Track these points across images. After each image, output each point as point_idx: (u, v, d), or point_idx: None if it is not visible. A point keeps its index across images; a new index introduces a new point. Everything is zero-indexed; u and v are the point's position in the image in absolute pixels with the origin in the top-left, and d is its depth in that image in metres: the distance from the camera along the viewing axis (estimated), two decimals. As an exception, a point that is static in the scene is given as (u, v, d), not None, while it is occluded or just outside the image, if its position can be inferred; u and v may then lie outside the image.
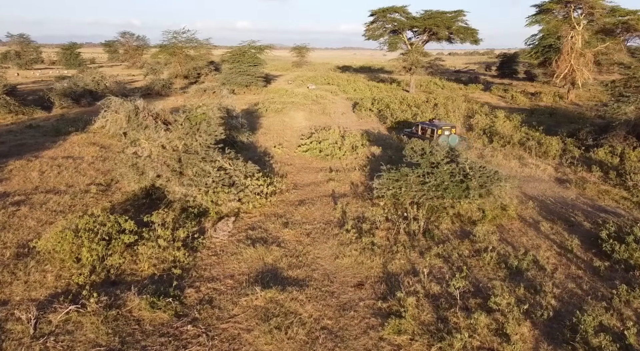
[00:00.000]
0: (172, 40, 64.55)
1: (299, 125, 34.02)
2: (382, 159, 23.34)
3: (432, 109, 36.51)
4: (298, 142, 27.46)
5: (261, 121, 35.06)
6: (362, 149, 25.47)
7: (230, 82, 53.35)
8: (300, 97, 48.44)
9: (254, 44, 55.00)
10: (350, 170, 21.79)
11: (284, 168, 22.16)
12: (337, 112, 40.23)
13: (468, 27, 53.53)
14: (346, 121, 36.29)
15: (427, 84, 61.91)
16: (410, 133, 27.68)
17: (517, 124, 31.49)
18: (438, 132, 25.06)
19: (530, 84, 63.37)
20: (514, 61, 75.74)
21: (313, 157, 24.16)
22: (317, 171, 21.90)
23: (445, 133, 25.03)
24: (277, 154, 24.97)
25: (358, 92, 53.49)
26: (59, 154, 23.98)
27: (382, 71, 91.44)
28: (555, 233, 14.83)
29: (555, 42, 44.22)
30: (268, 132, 30.97)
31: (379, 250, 13.40)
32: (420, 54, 54.43)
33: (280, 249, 13.54)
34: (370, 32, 56.86)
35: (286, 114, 38.51)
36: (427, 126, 26.01)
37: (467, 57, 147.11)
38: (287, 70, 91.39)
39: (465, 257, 13.09)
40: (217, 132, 17.81)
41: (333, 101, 47.14)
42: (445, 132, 25.07)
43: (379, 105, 40.41)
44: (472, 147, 26.31)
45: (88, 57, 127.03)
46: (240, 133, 26.10)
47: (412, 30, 55.96)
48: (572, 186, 19.42)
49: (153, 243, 12.71)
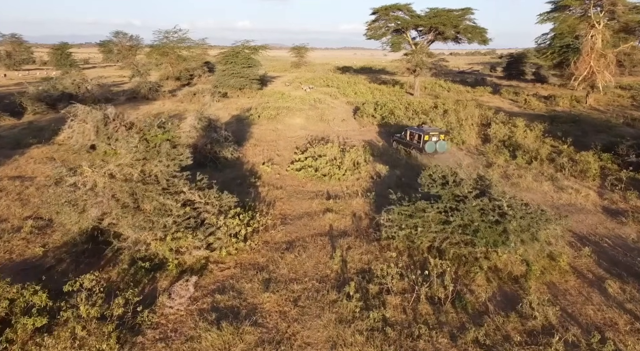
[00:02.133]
0: (163, 40, 60.60)
1: (295, 134, 30.01)
2: (390, 180, 19.34)
3: (442, 116, 32.47)
4: (291, 156, 23.48)
5: (252, 129, 31.05)
6: (365, 166, 21.48)
7: (223, 84, 49.33)
8: (297, 101, 44.42)
9: (248, 44, 50.90)
10: (351, 196, 17.77)
11: (272, 193, 18.15)
12: (336, 118, 36.21)
13: (476, 26, 49.36)
14: (346, 129, 32.28)
15: (432, 86, 57.83)
16: (399, 139, 26.04)
17: (539, 134, 27.46)
18: (425, 138, 23.72)
19: (541, 86, 59.21)
20: (521, 61, 71.52)
21: (308, 178, 20.17)
22: (312, 196, 17.88)
23: (432, 139, 23.83)
24: (266, 173, 20.97)
25: (359, 95, 49.41)
26: (7, 173, 19.98)
27: (383, 72, 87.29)
28: (631, 298, 10.82)
29: (574, 42, 40.06)
30: (258, 143, 26.95)
31: (394, 333, 9.39)
32: (425, 55, 50.29)
33: (256, 330, 9.54)
34: (371, 32, 52.65)
35: (281, 120, 34.52)
36: (415, 132, 24.64)
37: (469, 58, 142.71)
38: (286, 71, 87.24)
39: (517, 347, 9.07)
40: (183, 156, 13.78)
41: (332, 106, 43.12)
42: (432, 138, 23.83)
43: (383, 111, 36.38)
44: (493, 164, 22.32)
45: (84, 57, 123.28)
46: (224, 148, 22.12)
47: (417, 30, 51.76)
48: (629, 221, 15.37)
49: (68, 330, 8.71)
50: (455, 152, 25.22)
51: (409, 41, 51.43)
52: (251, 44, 51.25)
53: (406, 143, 25.23)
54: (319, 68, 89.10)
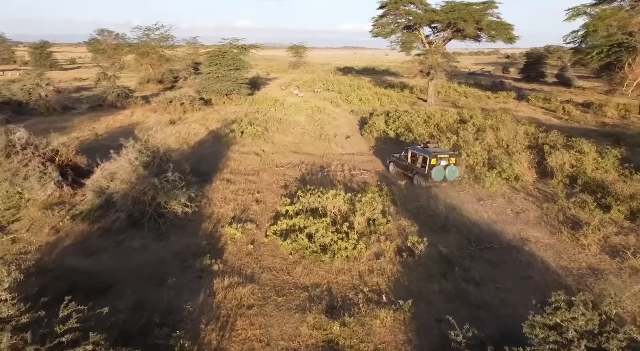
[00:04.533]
0: (143, 38, 52.87)
1: (285, 161, 22.36)
2: (431, 263, 11.69)
3: (476, 135, 24.69)
4: (275, 204, 15.82)
5: (231, 153, 23.39)
6: (385, 226, 13.81)
7: (206, 90, 41.60)
8: (292, 110, 36.74)
9: (236, 42, 43.08)
10: (371, 301, 10.11)
11: (235, 294, 10.45)
12: (339, 134, 28.58)
13: (501, 21, 41.47)
14: (352, 152, 24.62)
15: (445, 90, 50.08)
16: (398, 161, 20.85)
17: (615, 162, 19.83)
18: (432, 161, 18.51)
19: (568, 90, 51.45)
20: (541, 62, 63.63)
21: (298, 254, 12.49)
22: (303, 303, 10.22)
23: (441, 163, 18.60)
24: (234, 241, 13.31)
25: (364, 102, 41.72)
26: None
27: (387, 73, 79.52)
28: None
29: (629, 40, 32.27)
30: (234, 177, 19.26)
31: None
32: (440, 55, 42.48)
33: None
34: (378, 29, 44.74)
35: (269, 138, 26.87)
36: (419, 153, 19.39)
37: (474, 58, 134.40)
38: (283, 72, 79.38)
39: None
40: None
41: (334, 116, 35.45)
42: (441, 162, 18.60)
43: (396, 125, 28.74)
44: (581, 223, 14.66)
45: (73, 56, 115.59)
46: (172, 197, 14.43)
47: (431, 26, 43.86)
48: None
49: None
50: (509, 195, 17.55)
51: (422, 40, 43.59)
52: (240, 42, 43.43)
53: (406, 167, 20.06)
54: (318, 69, 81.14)
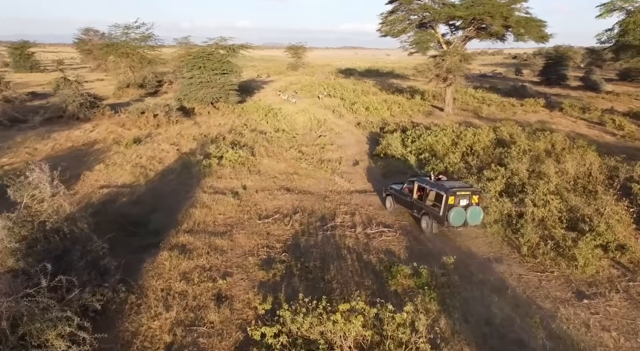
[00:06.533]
0: (122, 37, 46.22)
1: (272, 204, 15.81)
2: None
3: (531, 165, 18.08)
4: (250, 299, 9.28)
5: (199, 193, 16.80)
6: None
7: (188, 97, 35.03)
8: (287, 123, 30.21)
9: (223, 42, 36.46)
10: None
11: None
12: (345, 158, 22.07)
13: (531, 17, 34.88)
14: (364, 188, 18.02)
15: (462, 96, 43.37)
16: (399, 194, 15.23)
17: None
18: (450, 200, 12.98)
19: (600, 96, 44.87)
20: (562, 63, 56.91)
21: None
22: None
23: (461, 202, 13.13)
24: None
25: (372, 111, 35.12)
26: None
27: (392, 75, 72.88)
28: None
29: None
30: (194, 243, 12.64)
31: None
32: (460, 57, 35.83)
33: None
34: (387, 27, 38.07)
35: (255, 165, 20.36)
36: (429, 187, 13.96)
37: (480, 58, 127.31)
38: (281, 74, 72.66)
39: None
40: None
41: (337, 131, 28.91)
42: (461, 200, 13.14)
43: (416, 147, 22.22)
44: None
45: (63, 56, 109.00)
46: (50, 326, 7.77)
47: (449, 24, 37.17)
48: None
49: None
50: (622, 283, 10.96)
51: (439, 39, 36.93)
52: (228, 42, 36.81)
53: (411, 204, 14.62)
54: (318, 70, 74.34)
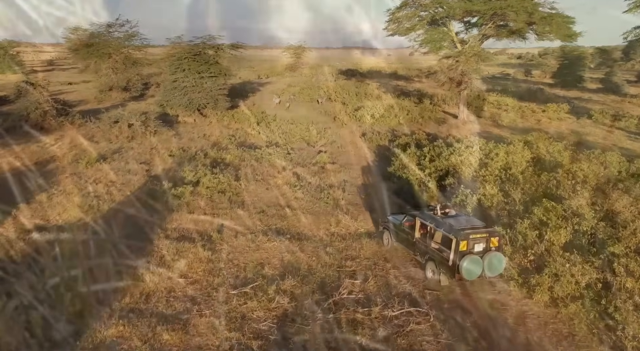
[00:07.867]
0: (104, 36, 41.81)
1: (254, 257, 11.42)
2: None
3: (587, 198, 13.87)
4: None
5: (155, 243, 12.45)
6: None
7: (171, 103, 30.73)
8: (282, 133, 25.89)
9: (212, 41, 32.12)
10: None
11: None
12: (350, 182, 17.72)
13: (558, 14, 30.57)
14: (375, 229, 13.69)
15: (474, 100, 38.91)
16: (398, 229, 11.85)
17: None
18: (461, 245, 9.57)
19: (625, 100, 40.55)
20: (579, 64, 52.51)
21: None
22: None
23: (475, 247, 9.71)
24: None
25: (378, 119, 30.82)
26: None
27: (395, 76, 68.39)
28: None
29: None
30: (127, 345, 8.38)
31: None
32: (477, 58, 31.52)
33: None
34: (395, 24, 33.74)
35: (236, 197, 16.02)
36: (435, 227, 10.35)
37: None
38: (279, 75, 68.23)
39: None
40: None
41: (339, 143, 24.60)
42: (475, 245, 9.72)
43: (436, 167, 17.91)
44: None
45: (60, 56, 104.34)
46: None
47: (464, 21, 32.86)
48: None
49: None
50: None
51: (453, 38, 32.58)
52: (217, 41, 32.49)
53: (413, 244, 11.44)
54: (318, 71, 69.74)
